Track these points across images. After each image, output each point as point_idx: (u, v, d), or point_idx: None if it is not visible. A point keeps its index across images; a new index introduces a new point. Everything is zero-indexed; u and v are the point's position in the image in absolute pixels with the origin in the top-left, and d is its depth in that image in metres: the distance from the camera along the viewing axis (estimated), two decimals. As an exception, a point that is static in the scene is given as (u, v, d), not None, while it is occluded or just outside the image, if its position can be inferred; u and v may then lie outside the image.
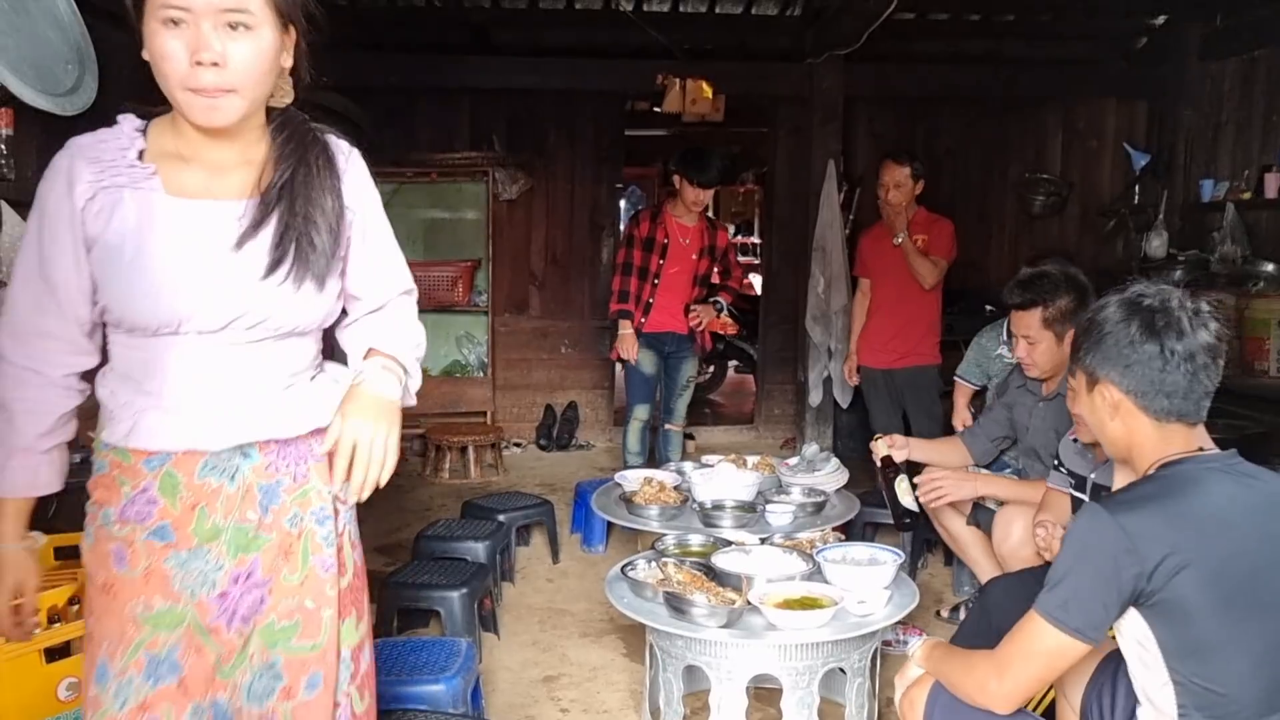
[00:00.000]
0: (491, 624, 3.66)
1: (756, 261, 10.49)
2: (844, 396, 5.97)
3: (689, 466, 4.18)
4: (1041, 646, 1.70)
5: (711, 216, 5.26)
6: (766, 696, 2.99)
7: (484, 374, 6.74)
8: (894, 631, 3.40)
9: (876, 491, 4.63)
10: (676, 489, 3.78)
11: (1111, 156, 7.01)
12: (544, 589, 4.21)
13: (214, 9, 1.44)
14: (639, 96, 7.29)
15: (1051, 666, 1.73)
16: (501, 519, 4.16)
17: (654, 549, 3.19)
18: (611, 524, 4.56)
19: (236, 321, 1.54)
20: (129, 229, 1.51)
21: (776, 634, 2.60)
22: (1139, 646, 1.70)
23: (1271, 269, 5.25)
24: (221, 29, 1.45)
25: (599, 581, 3.06)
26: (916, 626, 3.58)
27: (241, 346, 1.58)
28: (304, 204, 1.57)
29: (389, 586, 3.40)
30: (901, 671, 2.08)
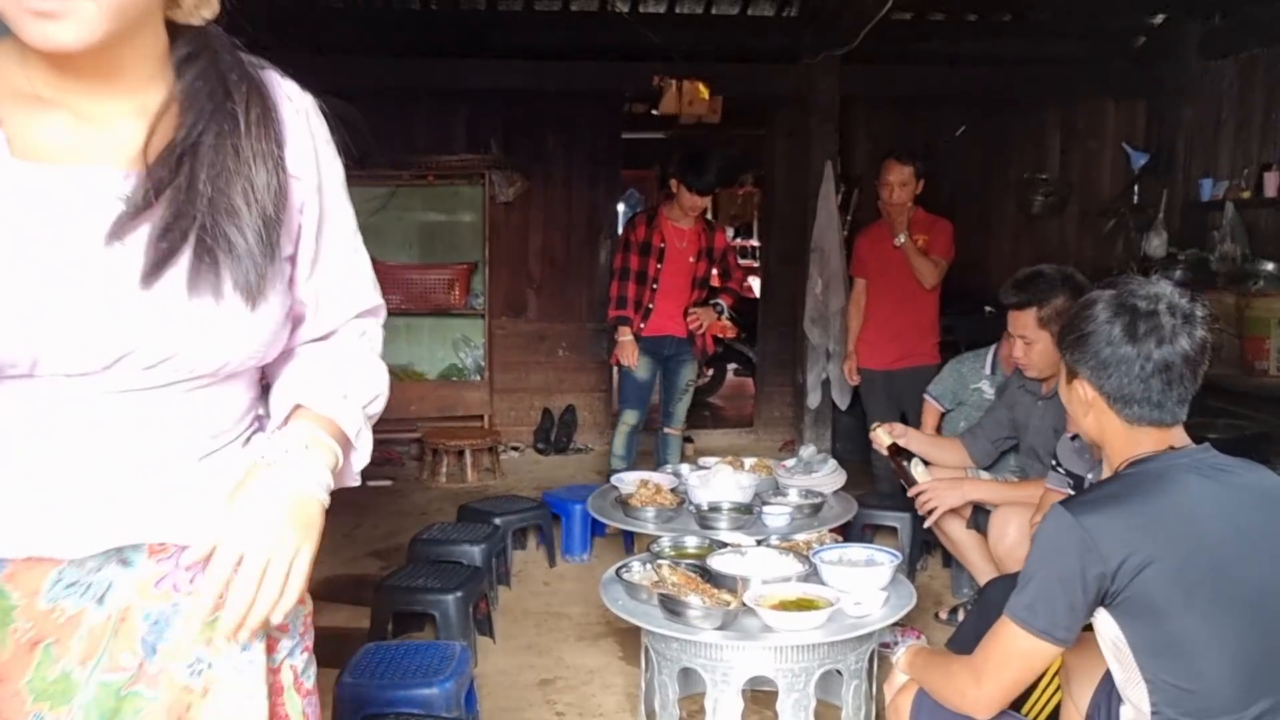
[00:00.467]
0: (487, 628, 3.64)
1: (756, 264, 10.47)
2: (842, 399, 5.95)
3: (686, 468, 4.16)
4: (1014, 649, 1.70)
5: (709, 218, 5.24)
6: (763, 699, 2.97)
7: (481, 377, 6.72)
8: (892, 633, 3.37)
9: (875, 493, 4.65)
10: (673, 491, 3.75)
11: (1111, 156, 6.99)
12: (540, 592, 4.19)
13: None
14: (636, 99, 7.27)
15: (1026, 669, 1.72)
16: (497, 522, 4.14)
17: (649, 551, 3.17)
18: (594, 535, 4.56)
19: (126, 359, 1.03)
20: None
21: (772, 636, 2.58)
22: (1113, 647, 1.70)
23: (1271, 268, 5.22)
24: None
25: (596, 584, 3.03)
26: (915, 628, 3.55)
27: (133, 396, 1.05)
28: (218, 177, 1.05)
29: (384, 590, 3.38)
30: (889, 678, 2.09)
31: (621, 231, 5.10)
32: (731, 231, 13.82)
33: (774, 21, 6.66)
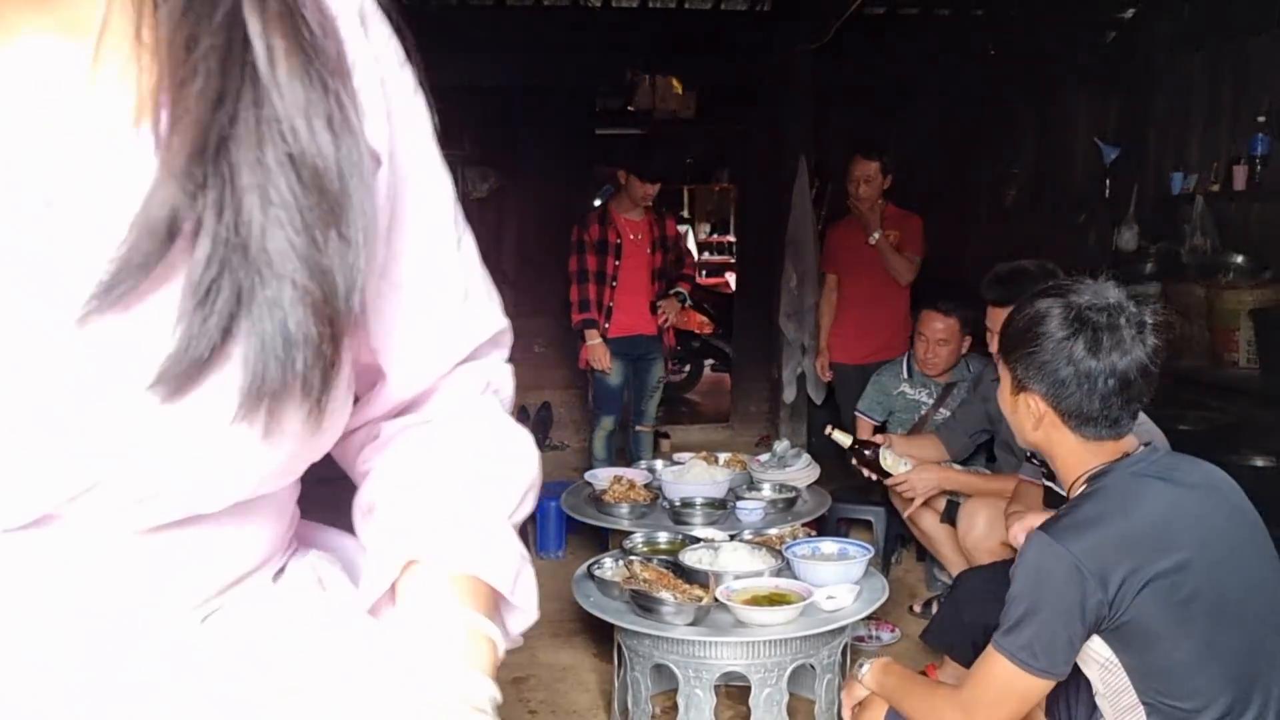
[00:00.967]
0: (460, 626, 3.60)
1: (732, 260, 10.47)
2: (818, 393, 5.95)
3: (660, 464, 4.15)
4: (1011, 691, 1.63)
5: (659, 210, 5.18)
6: (736, 694, 2.96)
7: (456, 375, 6.67)
8: (865, 626, 3.38)
9: (849, 486, 4.65)
10: (647, 487, 3.74)
11: (1083, 150, 7.02)
12: (515, 590, 4.16)
13: None
14: (609, 94, 7.25)
15: (1023, 706, 1.67)
16: (471, 520, 4.10)
17: (621, 548, 3.16)
18: (569, 530, 4.54)
19: (85, 498, 0.57)
20: None
21: (744, 631, 2.57)
22: (1103, 670, 1.66)
23: (1240, 260, 5.25)
24: None
25: (570, 581, 3.01)
26: (889, 622, 3.56)
27: (101, 544, 0.61)
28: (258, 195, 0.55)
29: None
30: (847, 688, 2.01)
31: (574, 233, 5.00)
32: (709, 227, 13.82)
33: (747, 15, 6.66)
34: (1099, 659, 1.65)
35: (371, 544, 0.73)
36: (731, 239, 12.39)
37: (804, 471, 3.97)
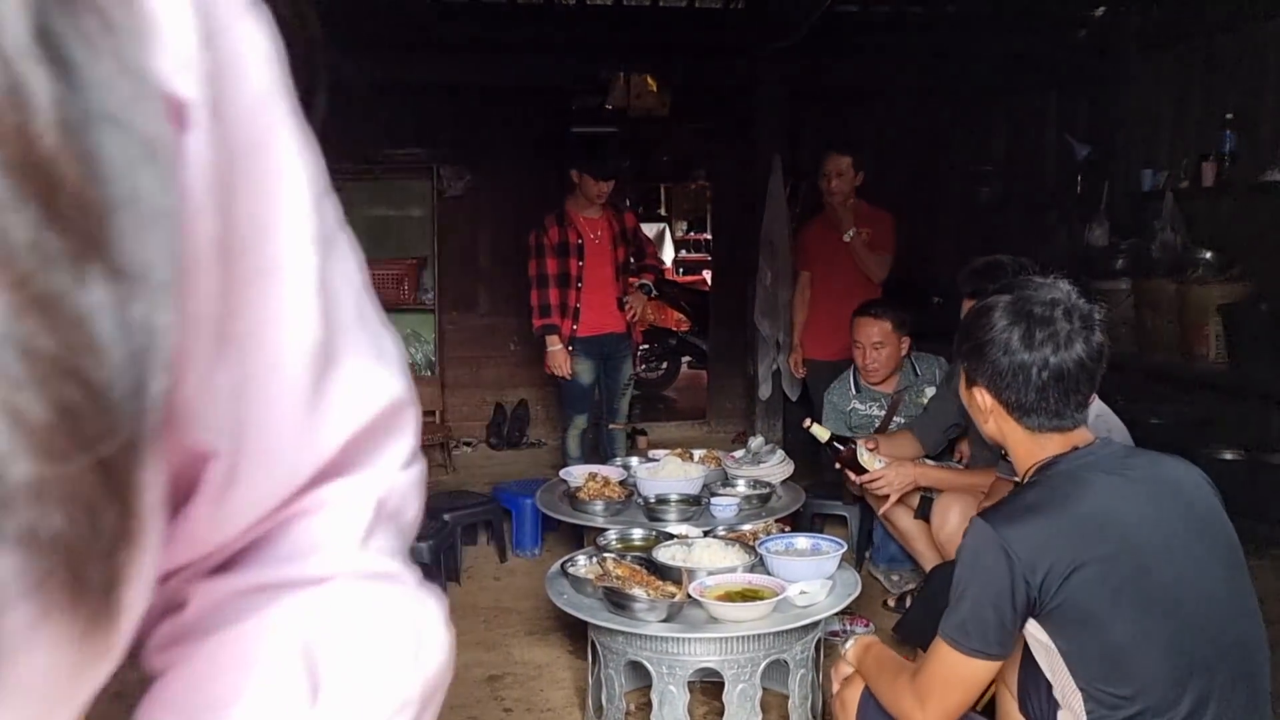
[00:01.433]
0: (435, 625, 3.59)
1: (709, 257, 10.49)
2: (793, 390, 5.97)
3: (635, 461, 4.16)
4: (954, 673, 1.67)
5: (615, 204, 5.16)
6: (710, 690, 2.97)
7: (432, 373, 6.66)
8: (840, 621, 3.39)
9: (823, 481, 4.67)
10: (621, 484, 3.75)
11: (1054, 147, 7.08)
12: (490, 588, 4.16)
13: None
14: (585, 92, 7.25)
15: (968, 689, 1.70)
16: (446, 518, 4.10)
17: (595, 545, 3.16)
18: (546, 527, 4.53)
19: None
20: None
21: (717, 627, 2.58)
22: (1046, 652, 1.69)
23: (1209, 256, 5.31)
24: None
25: (545, 579, 3.01)
26: (863, 616, 3.57)
27: None
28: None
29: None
30: (835, 667, 2.06)
31: (531, 238, 4.95)
32: (685, 225, 13.84)
33: (721, 14, 6.66)
34: (1041, 644, 1.68)
35: None
36: (708, 237, 12.41)
37: (778, 467, 3.98)
